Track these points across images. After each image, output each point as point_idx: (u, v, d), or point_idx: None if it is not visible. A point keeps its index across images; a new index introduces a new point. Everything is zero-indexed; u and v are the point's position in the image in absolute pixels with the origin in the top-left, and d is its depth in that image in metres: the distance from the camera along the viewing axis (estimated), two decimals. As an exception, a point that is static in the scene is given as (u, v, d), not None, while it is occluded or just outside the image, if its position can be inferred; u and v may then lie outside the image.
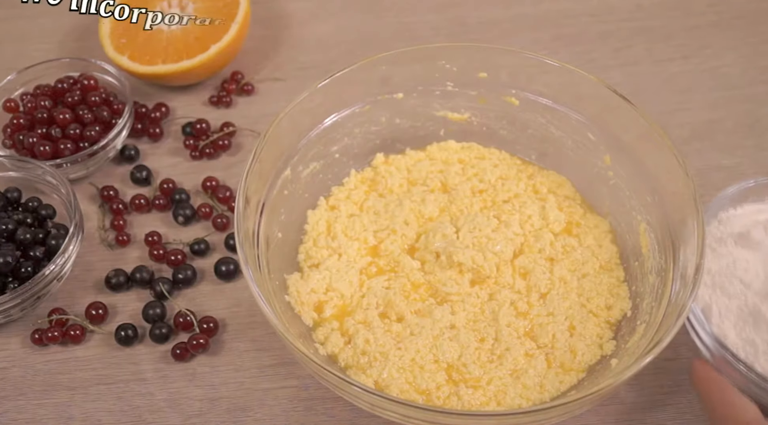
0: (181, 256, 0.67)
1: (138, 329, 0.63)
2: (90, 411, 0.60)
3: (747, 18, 0.87)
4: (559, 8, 0.88)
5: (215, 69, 0.80)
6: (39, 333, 0.62)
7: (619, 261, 0.63)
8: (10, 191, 0.69)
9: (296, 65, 0.84)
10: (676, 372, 0.60)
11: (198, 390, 0.60)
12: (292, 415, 0.59)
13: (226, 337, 0.63)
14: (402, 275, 0.61)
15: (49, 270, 0.62)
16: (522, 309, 0.59)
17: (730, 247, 0.60)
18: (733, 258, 0.59)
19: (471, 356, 0.57)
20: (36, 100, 0.75)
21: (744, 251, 0.59)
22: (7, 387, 0.61)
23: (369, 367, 0.56)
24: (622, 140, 0.63)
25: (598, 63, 0.82)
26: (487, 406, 0.55)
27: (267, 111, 0.79)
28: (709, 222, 0.60)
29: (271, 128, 0.60)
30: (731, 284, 0.57)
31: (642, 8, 0.88)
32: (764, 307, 0.56)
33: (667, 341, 0.49)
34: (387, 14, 0.88)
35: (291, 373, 0.61)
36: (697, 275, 0.52)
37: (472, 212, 0.65)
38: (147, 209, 0.72)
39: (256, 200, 0.59)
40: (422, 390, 0.56)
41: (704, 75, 0.81)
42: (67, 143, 0.71)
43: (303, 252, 0.64)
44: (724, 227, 0.61)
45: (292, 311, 0.60)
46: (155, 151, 0.76)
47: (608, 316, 0.60)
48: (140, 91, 0.80)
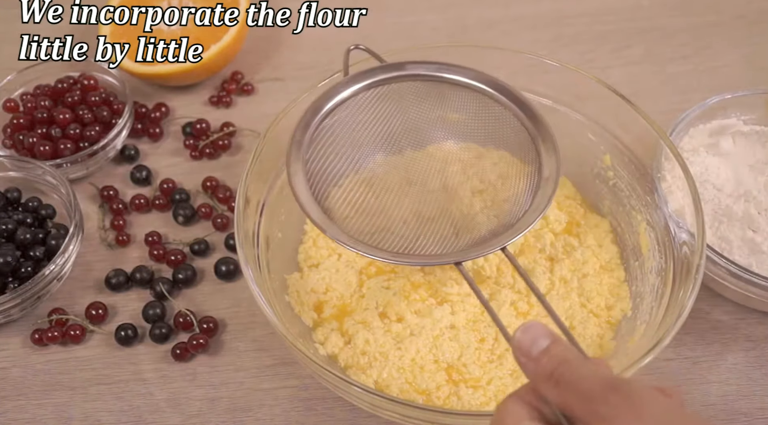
0: (181, 256, 0.67)
1: (138, 329, 0.63)
2: (90, 411, 0.60)
3: (747, 18, 0.86)
4: (559, 8, 0.88)
5: (215, 69, 0.80)
6: (39, 333, 0.62)
7: (619, 261, 0.63)
8: (10, 191, 0.69)
9: (296, 65, 0.84)
10: (676, 372, 0.60)
11: (198, 390, 0.60)
12: (292, 415, 0.59)
13: (226, 337, 0.63)
14: (402, 275, 0.61)
15: (49, 270, 0.62)
16: (522, 309, 0.59)
17: (702, 156, 0.66)
18: (705, 166, 0.66)
19: (471, 356, 0.57)
20: (36, 100, 0.74)
21: (714, 158, 0.66)
22: (7, 387, 0.61)
23: (369, 367, 0.57)
24: (622, 140, 0.63)
25: (598, 63, 0.82)
26: (487, 406, 0.55)
27: (267, 111, 0.79)
28: (681, 137, 0.67)
29: (271, 128, 0.60)
30: (705, 190, 0.64)
31: (642, 8, 0.88)
32: (735, 207, 0.63)
33: (667, 341, 0.49)
34: (387, 14, 0.88)
35: (291, 373, 0.61)
36: (698, 275, 0.52)
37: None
38: (147, 209, 0.72)
39: (256, 200, 0.59)
40: (422, 390, 0.56)
41: (704, 75, 0.81)
42: (67, 143, 0.71)
43: (303, 252, 0.64)
44: (695, 140, 0.67)
45: (292, 312, 0.60)
46: (155, 151, 0.76)
47: (608, 316, 0.60)
48: (140, 91, 0.80)
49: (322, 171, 0.56)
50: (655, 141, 0.59)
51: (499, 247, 0.52)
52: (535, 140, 0.57)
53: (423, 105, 0.60)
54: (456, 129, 0.61)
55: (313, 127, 0.56)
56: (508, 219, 0.56)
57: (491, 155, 0.61)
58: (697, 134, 0.68)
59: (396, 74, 0.59)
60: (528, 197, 0.56)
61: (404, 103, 0.60)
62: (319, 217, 0.53)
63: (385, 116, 0.59)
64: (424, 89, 0.60)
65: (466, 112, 0.60)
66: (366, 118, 0.59)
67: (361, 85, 0.58)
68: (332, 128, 0.57)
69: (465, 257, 0.53)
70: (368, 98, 0.59)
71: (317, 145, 0.56)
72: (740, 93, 0.68)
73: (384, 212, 0.56)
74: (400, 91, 0.59)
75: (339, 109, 0.58)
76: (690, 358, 0.61)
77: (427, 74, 0.59)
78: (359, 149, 0.58)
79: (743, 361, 0.61)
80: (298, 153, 0.55)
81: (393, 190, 0.58)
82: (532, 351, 0.40)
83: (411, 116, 0.60)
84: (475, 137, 0.60)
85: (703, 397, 0.59)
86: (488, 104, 0.59)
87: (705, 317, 0.63)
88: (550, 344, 0.40)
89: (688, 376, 0.60)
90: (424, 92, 0.60)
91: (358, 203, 0.56)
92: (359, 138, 0.58)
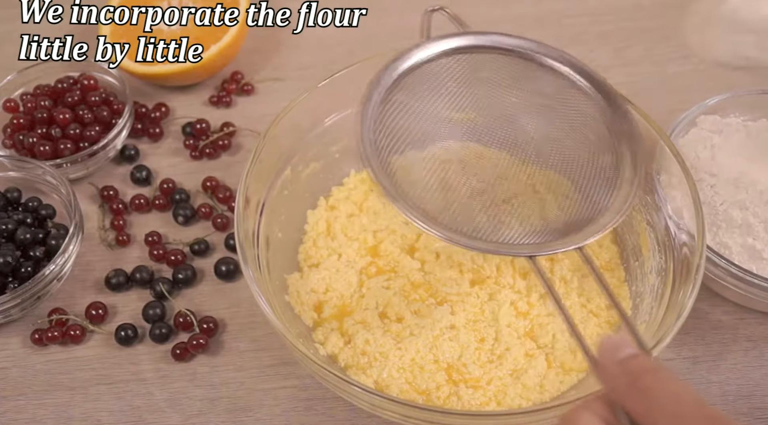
0: (181, 256, 0.67)
1: (138, 329, 0.63)
2: (90, 411, 0.60)
3: (747, 18, 0.87)
4: (559, 8, 0.88)
5: (215, 69, 0.80)
6: (39, 333, 0.62)
7: (619, 261, 0.63)
8: (10, 191, 0.69)
9: (296, 65, 0.84)
10: (675, 372, 0.60)
11: (198, 390, 0.60)
12: (292, 415, 0.59)
13: (226, 337, 0.63)
14: (402, 275, 0.61)
15: (49, 270, 0.62)
16: (522, 309, 0.59)
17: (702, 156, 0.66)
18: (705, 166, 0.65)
19: (471, 356, 0.57)
20: (36, 100, 0.74)
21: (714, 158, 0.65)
22: (7, 387, 0.61)
23: (369, 367, 0.57)
24: (622, 140, 0.63)
25: (598, 63, 0.82)
26: (487, 406, 0.55)
27: (267, 111, 0.79)
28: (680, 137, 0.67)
29: (271, 128, 0.60)
30: (702, 191, 0.63)
31: (642, 8, 0.88)
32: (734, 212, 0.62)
33: (667, 341, 0.49)
34: (387, 14, 0.88)
35: (291, 373, 0.61)
36: (698, 275, 0.52)
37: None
38: (147, 209, 0.72)
39: (256, 200, 0.59)
40: (422, 390, 0.56)
41: (704, 75, 0.81)
42: (67, 143, 0.71)
43: (303, 252, 0.64)
44: (695, 140, 0.67)
45: (292, 312, 0.60)
46: (155, 151, 0.76)
47: (608, 316, 0.60)
48: (140, 91, 0.80)
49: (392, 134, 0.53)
50: (655, 141, 0.59)
51: (575, 246, 0.50)
52: (617, 138, 0.55)
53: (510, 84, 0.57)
54: (538, 116, 0.58)
55: (387, 88, 0.53)
56: (582, 216, 0.53)
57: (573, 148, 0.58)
58: (697, 134, 0.68)
59: (482, 44, 0.56)
60: (606, 196, 0.53)
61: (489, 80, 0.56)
62: (391, 189, 0.50)
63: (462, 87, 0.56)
64: (511, 66, 0.57)
65: (553, 98, 0.57)
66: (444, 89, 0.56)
67: (442, 48, 0.55)
68: (410, 88, 0.54)
69: (539, 251, 0.50)
70: (448, 65, 0.55)
71: (388, 109, 0.53)
72: (740, 93, 0.68)
73: (453, 190, 0.54)
74: (483, 63, 0.56)
75: (415, 72, 0.55)
76: (690, 358, 0.61)
77: (518, 50, 0.56)
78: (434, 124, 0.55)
79: (743, 361, 0.61)
80: (367, 114, 0.52)
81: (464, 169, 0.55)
82: (618, 353, 0.37)
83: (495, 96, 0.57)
84: (558, 128, 0.57)
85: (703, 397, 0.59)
86: (576, 95, 0.57)
87: (705, 317, 0.63)
88: (638, 353, 0.38)
89: (688, 376, 0.60)
90: (511, 69, 0.57)
91: (431, 178, 0.54)
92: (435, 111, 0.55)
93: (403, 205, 0.49)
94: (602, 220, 0.52)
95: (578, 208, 0.54)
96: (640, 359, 0.37)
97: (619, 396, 0.36)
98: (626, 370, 0.37)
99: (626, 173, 0.54)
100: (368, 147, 0.51)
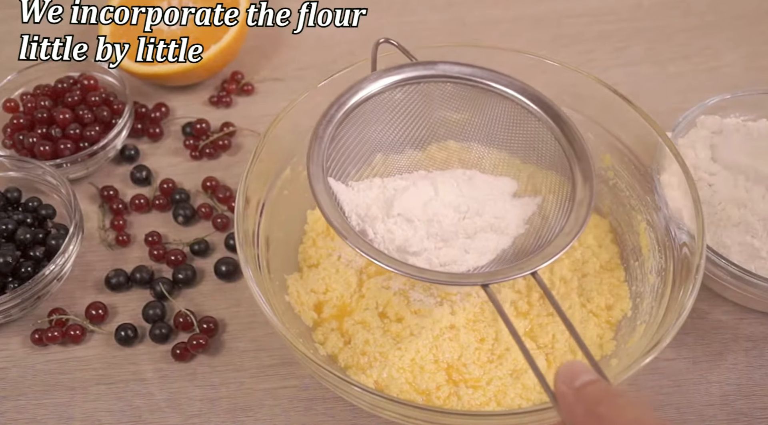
0: (181, 256, 0.67)
1: (138, 329, 0.63)
2: (90, 411, 0.60)
3: (747, 18, 0.86)
4: (559, 8, 0.88)
5: (215, 69, 0.80)
6: (39, 333, 0.62)
7: (619, 261, 0.63)
8: (10, 191, 0.69)
9: (296, 65, 0.84)
10: (676, 372, 0.60)
11: (198, 390, 0.60)
12: (292, 415, 0.59)
13: (226, 337, 0.63)
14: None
15: (49, 270, 0.62)
16: (522, 309, 0.59)
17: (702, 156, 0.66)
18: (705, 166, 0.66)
19: (471, 356, 0.57)
20: (36, 100, 0.74)
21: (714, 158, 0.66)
22: (7, 387, 0.61)
23: (369, 367, 0.57)
24: (622, 140, 0.63)
25: (598, 63, 0.82)
26: (487, 406, 0.55)
27: (267, 111, 0.79)
28: (680, 137, 0.67)
29: (271, 128, 0.60)
30: (702, 191, 0.63)
31: (642, 8, 0.88)
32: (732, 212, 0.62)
33: (667, 341, 0.49)
34: (387, 14, 0.88)
35: (291, 373, 0.61)
36: (698, 275, 0.52)
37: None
38: (147, 209, 0.72)
39: (256, 200, 0.59)
40: (422, 390, 0.56)
41: (704, 75, 0.81)
42: (67, 143, 0.71)
43: (302, 252, 0.64)
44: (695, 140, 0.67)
45: (292, 312, 0.60)
46: (155, 151, 0.76)
47: (608, 316, 0.60)
48: (140, 91, 0.80)
49: (342, 168, 0.54)
50: (655, 141, 0.59)
51: (529, 271, 0.50)
52: (570, 159, 0.55)
53: (453, 109, 0.58)
54: (487, 137, 0.59)
55: (336, 123, 0.54)
56: (536, 241, 0.53)
57: (523, 169, 0.59)
58: (697, 134, 0.68)
59: (427, 74, 0.57)
60: (559, 219, 0.54)
61: (433, 105, 0.57)
62: (341, 225, 0.51)
63: (413, 117, 0.57)
64: (456, 92, 0.58)
65: (500, 122, 0.58)
66: (391, 118, 0.57)
67: (389, 81, 0.56)
68: (357, 122, 0.55)
69: (492, 280, 0.50)
70: (395, 97, 0.56)
71: (339, 141, 0.54)
72: (740, 93, 0.69)
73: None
74: (429, 92, 0.57)
75: (364, 105, 0.55)
76: (690, 358, 0.61)
77: (461, 77, 0.57)
78: (384, 148, 0.56)
79: (743, 361, 0.61)
80: (320, 150, 0.53)
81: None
82: (575, 381, 0.37)
83: (437, 118, 0.58)
84: (509, 148, 0.58)
85: (703, 397, 0.59)
86: (524, 116, 0.57)
87: (705, 317, 0.63)
88: (595, 378, 0.37)
89: (688, 376, 0.60)
90: (456, 95, 0.58)
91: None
92: (383, 138, 0.56)
93: (354, 238, 0.50)
94: (557, 242, 0.51)
95: (535, 233, 0.55)
96: (598, 385, 0.37)
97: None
98: (583, 398, 0.36)
99: (578, 195, 0.54)
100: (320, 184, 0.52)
